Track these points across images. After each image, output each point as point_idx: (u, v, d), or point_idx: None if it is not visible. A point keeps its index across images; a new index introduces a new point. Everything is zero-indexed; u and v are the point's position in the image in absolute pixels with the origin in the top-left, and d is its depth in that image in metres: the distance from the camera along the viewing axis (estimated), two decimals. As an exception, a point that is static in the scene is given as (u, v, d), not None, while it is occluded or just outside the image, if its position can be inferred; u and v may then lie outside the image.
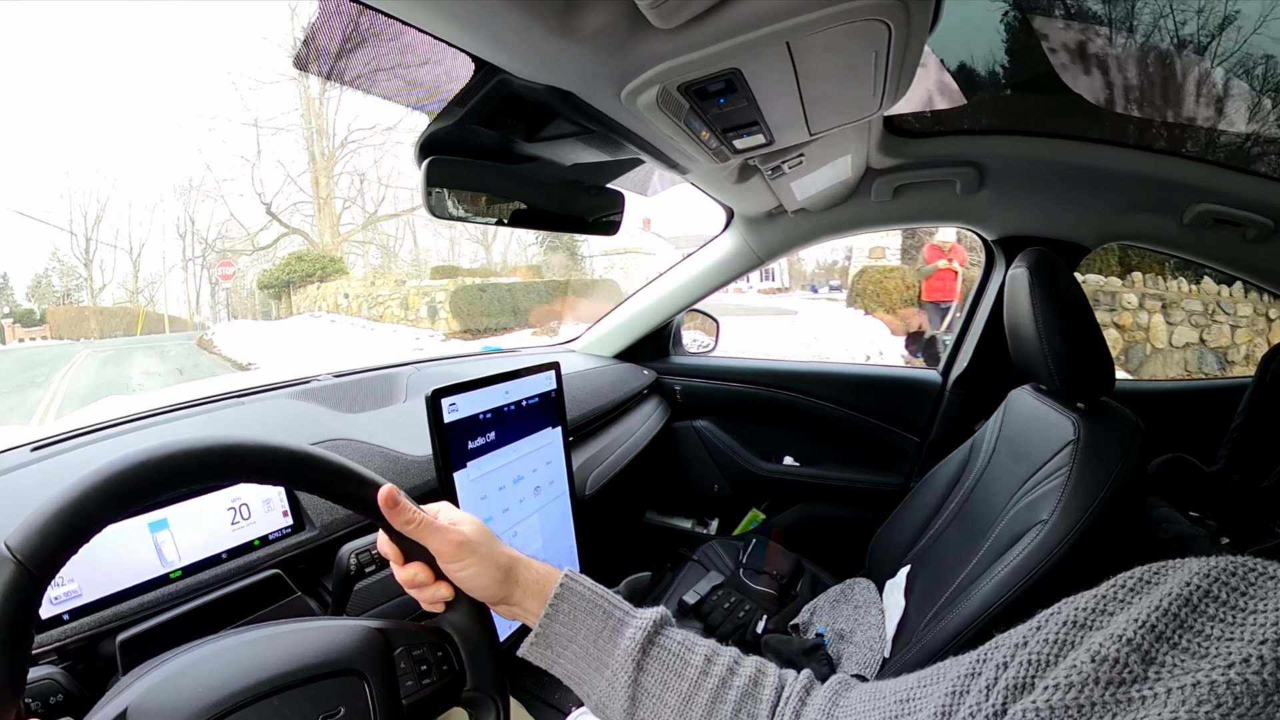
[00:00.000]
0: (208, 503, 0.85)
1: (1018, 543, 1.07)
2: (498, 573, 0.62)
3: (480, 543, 0.62)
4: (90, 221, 34.86)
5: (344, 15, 0.88)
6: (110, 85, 52.27)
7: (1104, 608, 0.41)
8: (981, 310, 1.88)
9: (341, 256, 23.97)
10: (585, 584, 0.65)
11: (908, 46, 0.73)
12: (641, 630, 0.61)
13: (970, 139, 1.52)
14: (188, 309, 38.50)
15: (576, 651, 0.62)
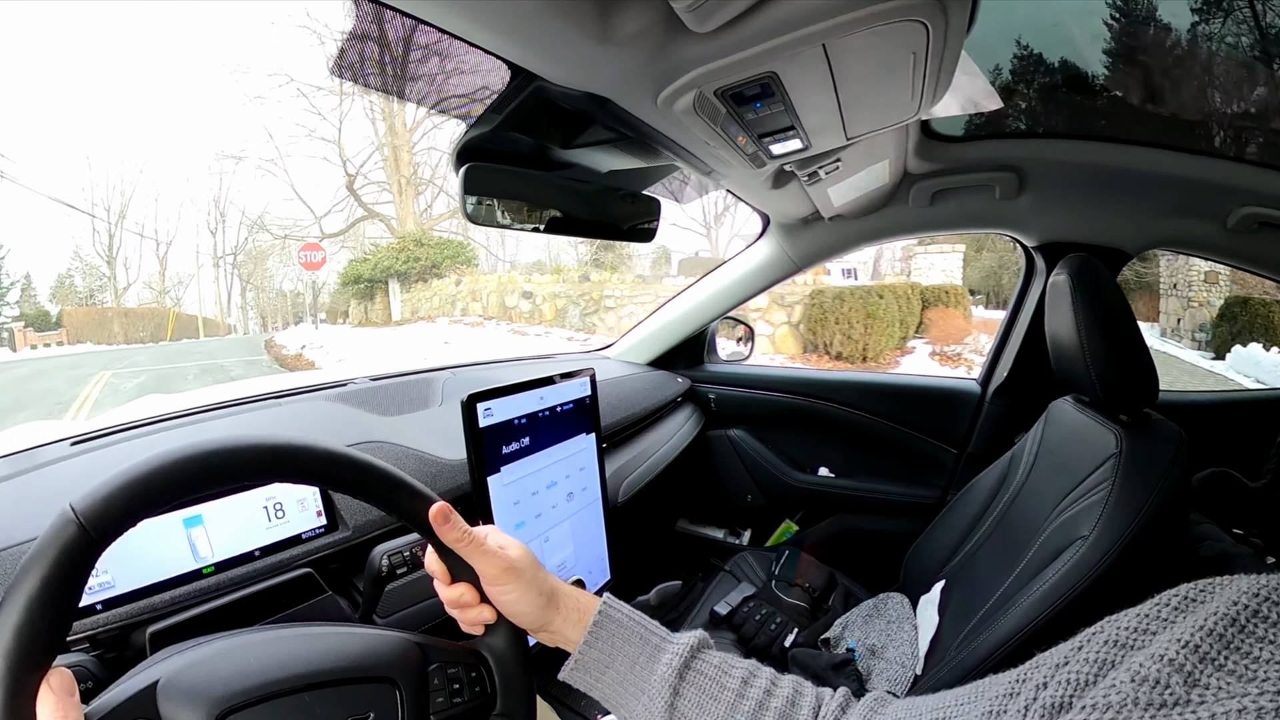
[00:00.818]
0: (243, 500, 0.87)
1: (1057, 559, 1.05)
2: (540, 599, 0.63)
3: (526, 568, 0.63)
4: (114, 215, 33.30)
5: (381, 23, 0.91)
6: (139, 49, 52.23)
7: (1146, 626, 0.40)
8: (1021, 318, 1.85)
9: (467, 244, 19.98)
10: (623, 611, 0.66)
11: (946, 48, 0.73)
12: (678, 655, 0.62)
13: (1009, 142, 1.51)
14: (218, 310, 37.08)
15: (614, 677, 0.63)
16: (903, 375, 2.23)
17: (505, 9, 0.62)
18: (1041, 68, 1.47)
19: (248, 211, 35.47)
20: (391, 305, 19.29)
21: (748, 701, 0.60)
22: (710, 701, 0.60)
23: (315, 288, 22.71)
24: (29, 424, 1.15)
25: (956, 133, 1.51)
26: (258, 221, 30.26)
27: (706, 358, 2.42)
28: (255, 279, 40.74)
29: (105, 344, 25.65)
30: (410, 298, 18.37)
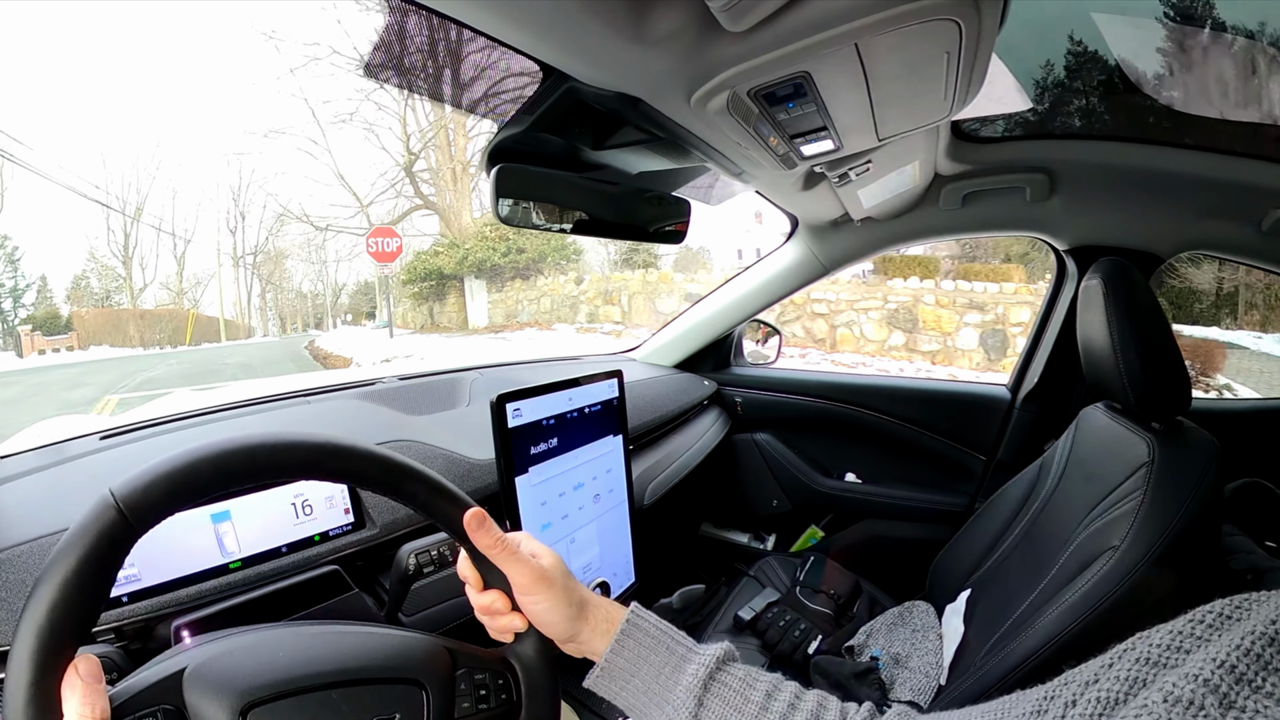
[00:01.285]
0: (271, 497, 0.89)
1: (1086, 570, 1.04)
2: (570, 609, 0.64)
3: (557, 578, 0.64)
4: (130, 211, 32.09)
5: (414, 23, 0.92)
6: (159, 21, 52.19)
7: (1180, 644, 0.39)
8: (1053, 323, 1.84)
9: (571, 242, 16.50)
10: (650, 620, 0.67)
11: (979, 47, 0.73)
12: (704, 667, 0.62)
13: (1040, 144, 1.50)
14: (237, 311, 36.22)
15: (639, 686, 0.64)
16: (932, 380, 2.21)
17: (540, 9, 0.63)
18: (1073, 67, 1.45)
19: (277, 200, 34.62)
20: (469, 307, 16.64)
21: (772, 715, 0.60)
22: (734, 714, 0.61)
23: (387, 283, 20.10)
24: (59, 417, 1.19)
25: (987, 133, 1.50)
26: (286, 212, 28.53)
27: (733, 361, 2.42)
28: (275, 279, 40.17)
29: (121, 347, 24.76)
30: (503, 298, 15.98)
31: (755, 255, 14.06)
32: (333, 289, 47.91)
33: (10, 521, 0.78)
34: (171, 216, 39.77)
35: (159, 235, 33.51)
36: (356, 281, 50.55)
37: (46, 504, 0.83)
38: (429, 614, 0.97)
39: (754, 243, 23.38)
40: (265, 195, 42.78)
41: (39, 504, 0.84)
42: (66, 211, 41.73)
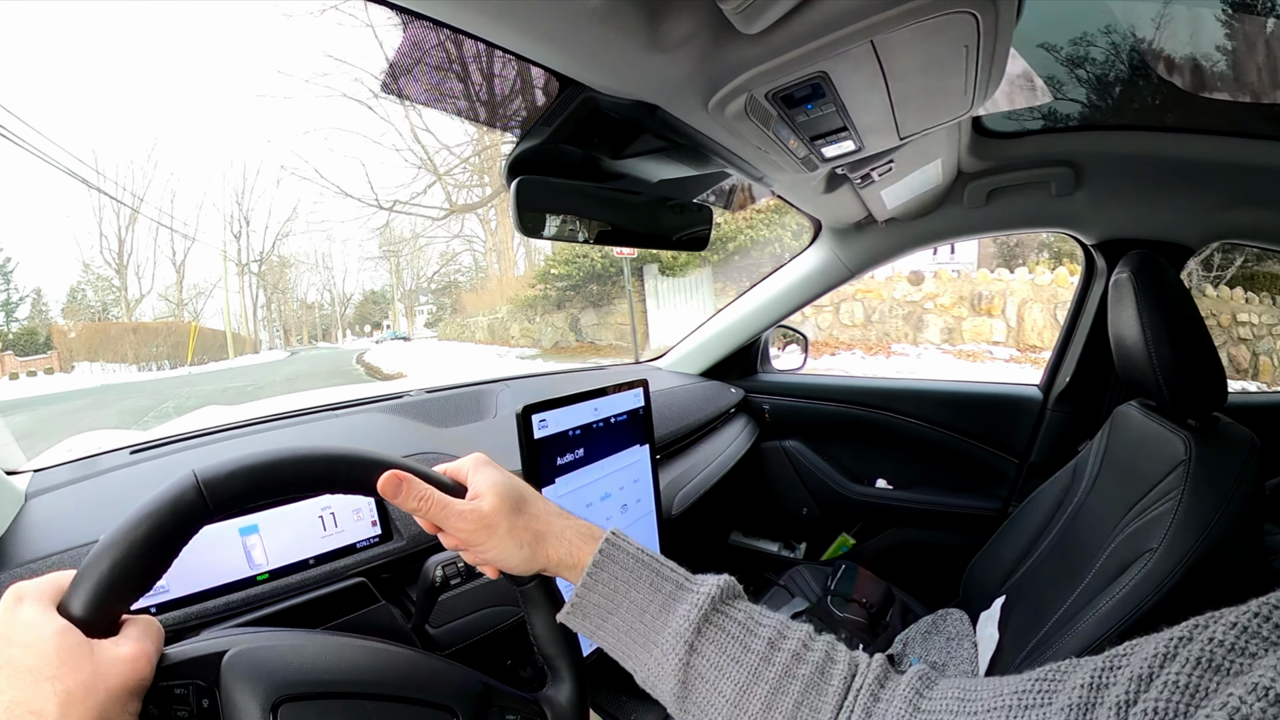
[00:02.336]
0: (298, 509, 0.92)
1: (1124, 574, 1.03)
2: (522, 549, 0.60)
3: (499, 519, 0.59)
4: (124, 218, 30.03)
5: (429, 38, 0.94)
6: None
7: (1245, 646, 0.36)
8: (1083, 321, 1.82)
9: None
10: (630, 548, 0.61)
11: (997, 39, 0.72)
12: (697, 607, 0.57)
13: (1062, 136, 1.49)
14: (243, 323, 34.94)
15: (619, 624, 0.59)
16: (962, 382, 2.20)
17: (553, 21, 0.64)
18: (1094, 56, 1.43)
19: (320, 176, 31.90)
20: (655, 316, 12.60)
21: (773, 667, 0.54)
22: (730, 664, 0.55)
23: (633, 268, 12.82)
24: (92, 432, 1.23)
25: (1009, 128, 1.49)
26: (339, 193, 24.19)
27: (759, 367, 2.43)
28: (280, 288, 39.53)
29: (117, 364, 22.64)
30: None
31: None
32: (341, 299, 47.92)
33: (44, 533, 0.81)
34: (170, 218, 36.38)
35: (155, 242, 32.10)
36: (364, 291, 50.61)
37: (78, 516, 0.86)
38: (455, 626, 0.98)
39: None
40: (270, 199, 42.94)
41: (71, 516, 0.87)
42: (60, 211, 40.36)
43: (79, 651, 0.42)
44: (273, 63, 53.12)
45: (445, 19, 0.64)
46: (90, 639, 0.43)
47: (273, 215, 39.59)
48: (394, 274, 45.91)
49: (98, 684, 0.42)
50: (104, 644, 0.44)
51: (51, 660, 0.41)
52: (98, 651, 0.43)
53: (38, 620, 0.43)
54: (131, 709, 0.44)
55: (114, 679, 0.43)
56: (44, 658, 0.41)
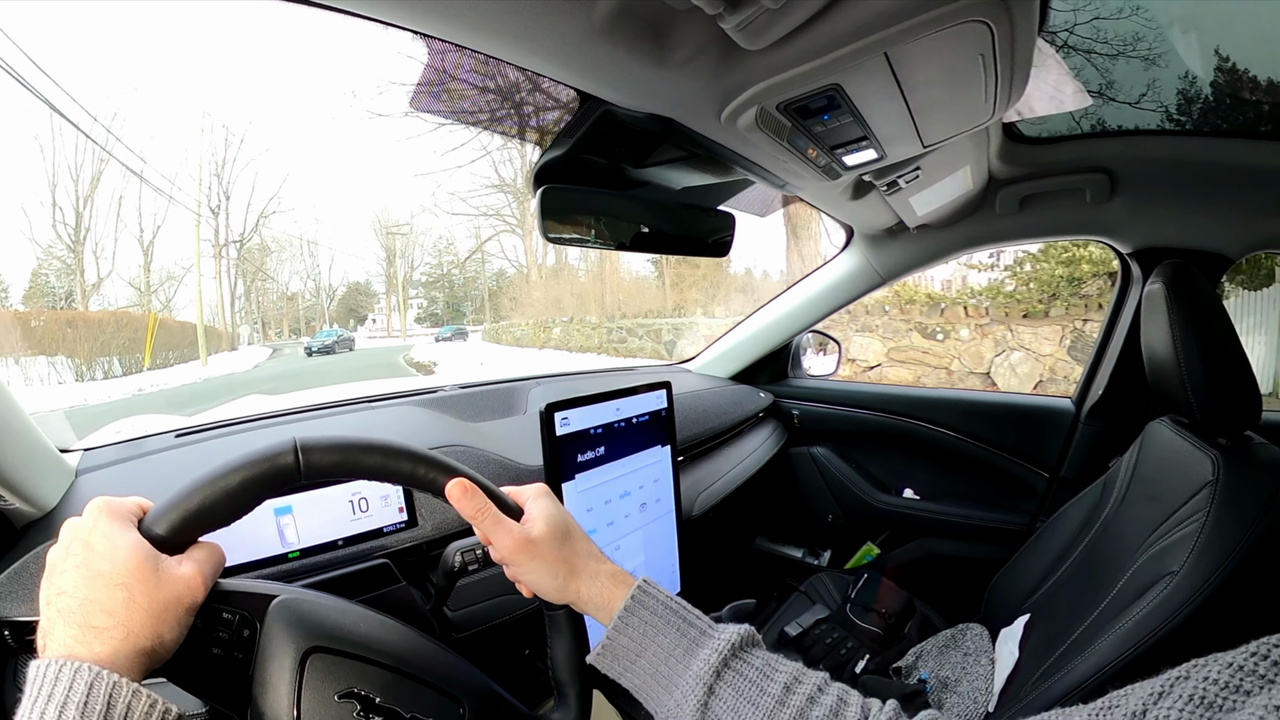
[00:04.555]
0: (331, 493, 1.00)
1: (1143, 596, 1.02)
2: (555, 579, 0.66)
3: (547, 545, 0.66)
4: (84, 183, 24.19)
5: (451, 58, 0.99)
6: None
7: (1239, 684, 0.37)
8: (1118, 332, 1.82)
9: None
10: (660, 596, 0.66)
11: (1015, 46, 0.73)
12: (717, 652, 0.61)
13: (1097, 141, 1.46)
14: (217, 317, 31.51)
15: (646, 667, 0.63)
16: (995, 393, 2.20)
17: (563, 40, 0.69)
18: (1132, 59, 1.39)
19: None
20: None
21: (787, 710, 0.58)
22: (747, 706, 0.59)
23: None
24: (140, 415, 1.31)
25: (1040, 133, 1.48)
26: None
27: (791, 372, 2.47)
28: (262, 275, 37.11)
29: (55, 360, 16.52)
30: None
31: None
32: (327, 289, 46.30)
33: None
34: (139, 192, 30.62)
35: (119, 215, 26.89)
36: (347, 283, 48.81)
37: (122, 493, 0.93)
38: (471, 611, 1.06)
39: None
40: (255, 171, 40.82)
41: (116, 493, 0.93)
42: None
43: (149, 565, 0.50)
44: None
45: (469, 44, 0.69)
46: (159, 554, 0.52)
47: (256, 192, 37.71)
48: (392, 260, 43.99)
49: (160, 594, 0.50)
50: (171, 561, 0.52)
51: (124, 569, 0.49)
52: (164, 567, 0.51)
53: (117, 534, 0.51)
54: (185, 621, 0.52)
55: (174, 592, 0.51)
56: (118, 566, 0.49)
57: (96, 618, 0.47)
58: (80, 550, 0.50)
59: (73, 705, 0.42)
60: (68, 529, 0.52)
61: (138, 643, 0.48)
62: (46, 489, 0.92)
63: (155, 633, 0.49)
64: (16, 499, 0.86)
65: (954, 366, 8.09)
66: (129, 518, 0.53)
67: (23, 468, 0.87)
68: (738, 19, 0.64)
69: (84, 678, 0.43)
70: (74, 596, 0.47)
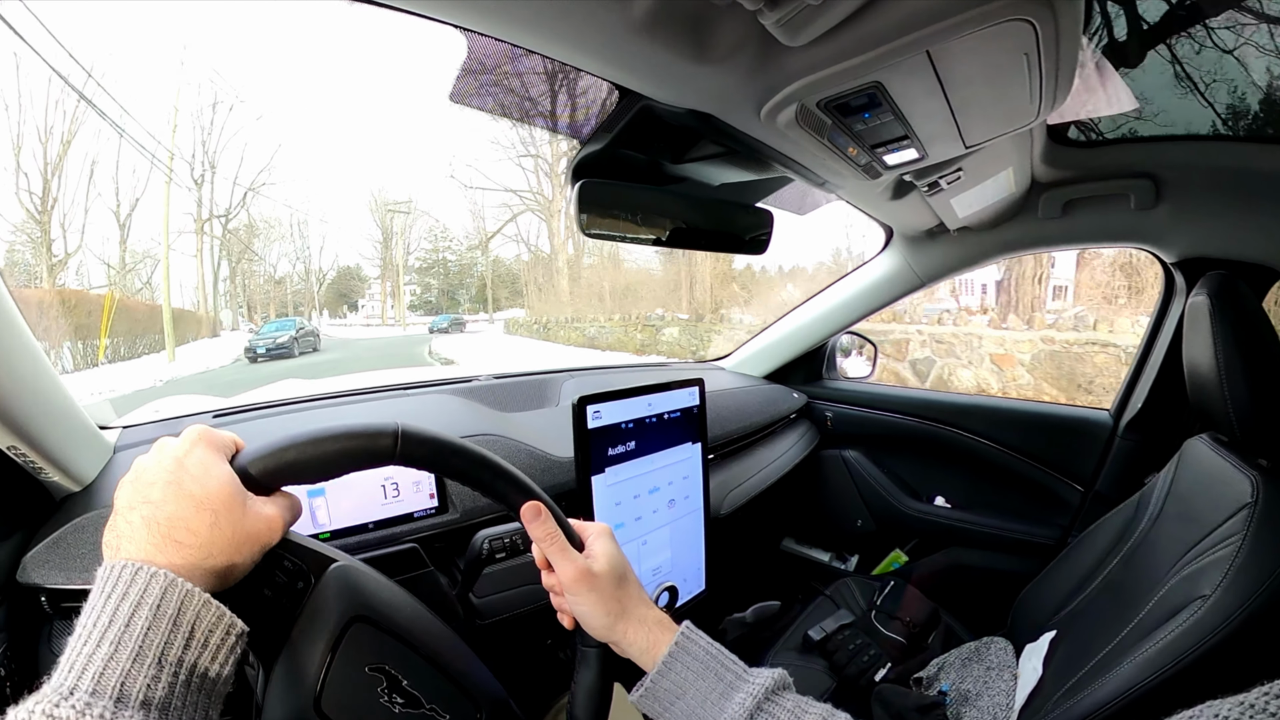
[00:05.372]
0: (363, 477, 1.04)
1: (1172, 619, 1.01)
2: (608, 617, 0.69)
3: (604, 582, 0.69)
4: (53, 146, 20.56)
5: (493, 52, 1.01)
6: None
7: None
8: (1159, 344, 1.78)
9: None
10: (701, 643, 0.70)
11: (1059, 46, 0.73)
12: (751, 696, 0.65)
13: (1143, 146, 1.42)
14: (200, 299, 28.85)
15: (683, 709, 0.68)
16: (1032, 401, 2.18)
17: (604, 36, 0.71)
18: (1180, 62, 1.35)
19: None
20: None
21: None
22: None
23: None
24: (179, 396, 1.36)
25: (1085, 136, 1.46)
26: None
27: (825, 373, 2.47)
28: (249, 255, 34.92)
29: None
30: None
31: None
32: (317, 273, 43.88)
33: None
34: (117, 157, 28.75)
35: (91, 183, 23.18)
36: (338, 267, 45.90)
37: None
38: (496, 598, 1.09)
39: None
40: (245, 141, 37.68)
41: None
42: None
43: (236, 498, 0.54)
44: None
45: (513, 39, 0.72)
46: (247, 491, 0.56)
47: (244, 165, 36.37)
48: (388, 242, 41.81)
49: (241, 526, 0.53)
50: (257, 500, 0.56)
51: (214, 495, 0.52)
52: (249, 503, 0.55)
53: (211, 462, 0.54)
54: (256, 557, 0.56)
55: (255, 528, 0.54)
56: (209, 491, 0.52)
57: (180, 533, 0.50)
58: (173, 467, 0.53)
59: (146, 606, 0.45)
60: (161, 445, 0.56)
61: (214, 566, 0.51)
62: (86, 464, 0.98)
63: (230, 561, 0.52)
64: (57, 472, 0.92)
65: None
66: (224, 450, 0.57)
67: (64, 443, 0.91)
68: (778, 15, 0.65)
69: (159, 582, 0.46)
70: (161, 508, 0.50)
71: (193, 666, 0.47)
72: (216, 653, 0.49)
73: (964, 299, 14.98)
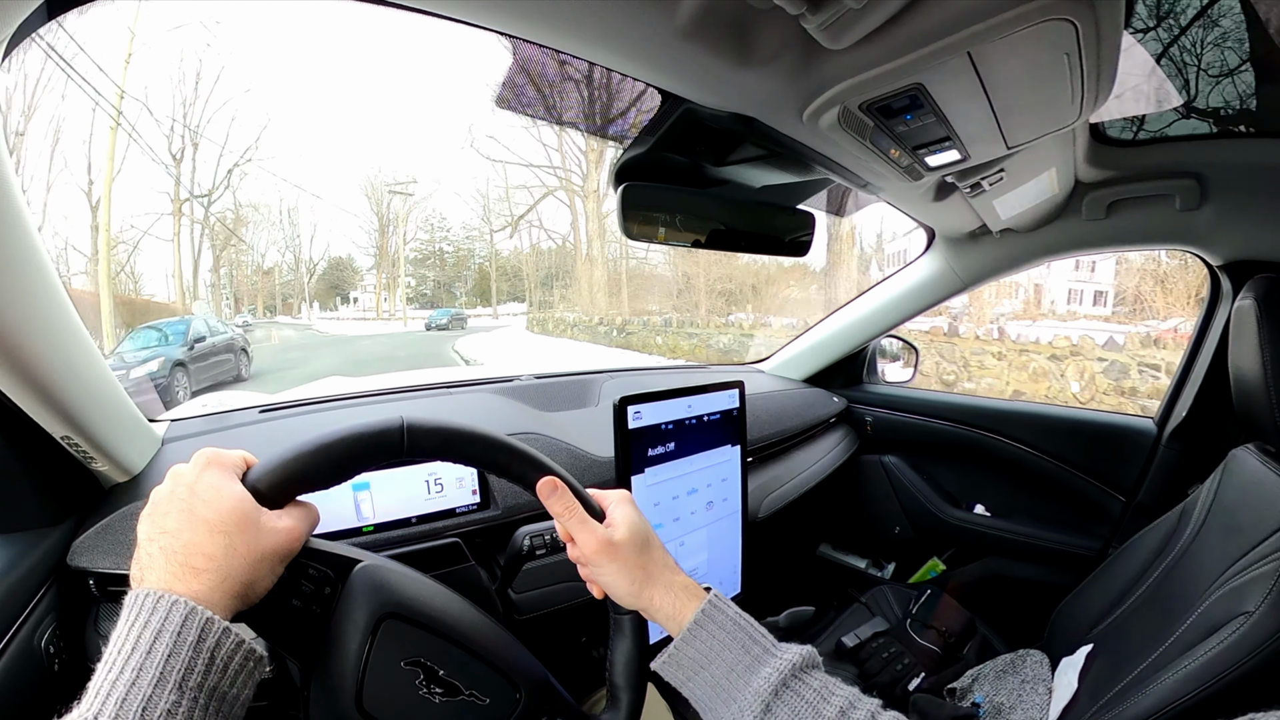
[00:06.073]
0: (408, 473, 1.08)
1: (1213, 635, 1.00)
2: (633, 585, 0.70)
3: (627, 550, 0.70)
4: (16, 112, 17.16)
5: (538, 59, 1.04)
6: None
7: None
8: (1205, 350, 1.75)
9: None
10: (729, 612, 0.70)
11: (1100, 44, 0.73)
12: (778, 671, 0.64)
13: (1187, 144, 1.40)
14: (179, 291, 26.00)
15: (708, 679, 0.67)
16: (1075, 408, 2.17)
17: (646, 41, 0.73)
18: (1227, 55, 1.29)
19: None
20: None
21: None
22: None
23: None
24: (225, 391, 1.42)
25: (1129, 135, 1.44)
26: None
27: (866, 377, 2.48)
28: (236, 240, 33.24)
29: None
30: None
31: None
32: (308, 264, 41.86)
33: None
34: (91, 129, 21.53)
35: (54, 152, 20.30)
36: (329, 257, 42.87)
37: None
38: (535, 594, 1.13)
39: None
40: (234, 112, 32.10)
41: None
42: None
43: (250, 516, 0.55)
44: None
45: (555, 45, 0.74)
46: (260, 507, 0.57)
47: (231, 141, 29.13)
48: (385, 229, 39.71)
49: (257, 544, 0.55)
50: (270, 514, 0.58)
51: (227, 518, 0.54)
52: (264, 519, 0.57)
53: (222, 484, 0.56)
54: (277, 571, 0.58)
55: (270, 543, 0.56)
56: (221, 514, 0.54)
57: (197, 559, 0.51)
58: (185, 495, 0.55)
59: (167, 633, 0.47)
60: (174, 474, 0.57)
61: (232, 587, 0.53)
62: (135, 455, 1.03)
63: (249, 579, 0.54)
64: (106, 462, 0.97)
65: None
66: (234, 469, 0.59)
67: (114, 434, 0.96)
68: (820, 18, 0.66)
69: (179, 610, 0.48)
70: (177, 537, 0.52)
71: (213, 690, 0.49)
72: (236, 677, 0.51)
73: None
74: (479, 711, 0.66)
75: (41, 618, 0.88)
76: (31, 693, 0.83)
